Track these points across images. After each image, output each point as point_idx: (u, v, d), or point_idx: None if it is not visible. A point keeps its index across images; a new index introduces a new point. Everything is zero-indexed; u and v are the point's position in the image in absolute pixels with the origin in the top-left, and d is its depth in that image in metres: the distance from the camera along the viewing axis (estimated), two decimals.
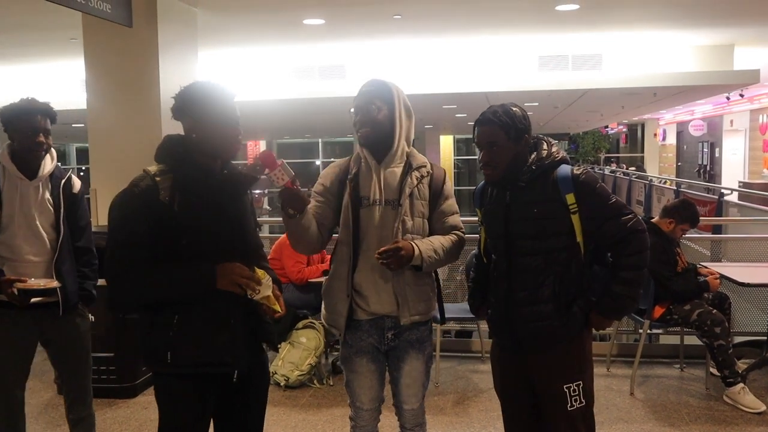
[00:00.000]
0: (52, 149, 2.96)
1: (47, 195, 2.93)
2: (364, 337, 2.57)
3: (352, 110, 2.53)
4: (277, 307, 2.17)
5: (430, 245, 2.46)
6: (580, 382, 2.41)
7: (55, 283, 2.85)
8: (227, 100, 2.15)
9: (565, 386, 2.39)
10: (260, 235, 2.78)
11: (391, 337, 2.56)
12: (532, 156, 2.41)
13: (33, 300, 2.83)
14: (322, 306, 2.68)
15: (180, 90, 2.16)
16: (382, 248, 2.35)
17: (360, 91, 2.54)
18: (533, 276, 2.39)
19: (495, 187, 2.51)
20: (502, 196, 2.45)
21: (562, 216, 2.36)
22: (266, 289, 2.12)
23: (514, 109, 2.38)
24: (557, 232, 2.36)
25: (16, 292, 2.74)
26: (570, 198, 2.34)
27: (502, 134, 2.35)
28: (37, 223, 2.88)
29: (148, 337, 2.15)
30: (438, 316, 2.71)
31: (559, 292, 2.37)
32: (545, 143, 2.46)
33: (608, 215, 2.37)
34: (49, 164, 2.94)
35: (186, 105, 2.13)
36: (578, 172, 2.37)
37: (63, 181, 2.99)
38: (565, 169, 2.38)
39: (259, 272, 2.14)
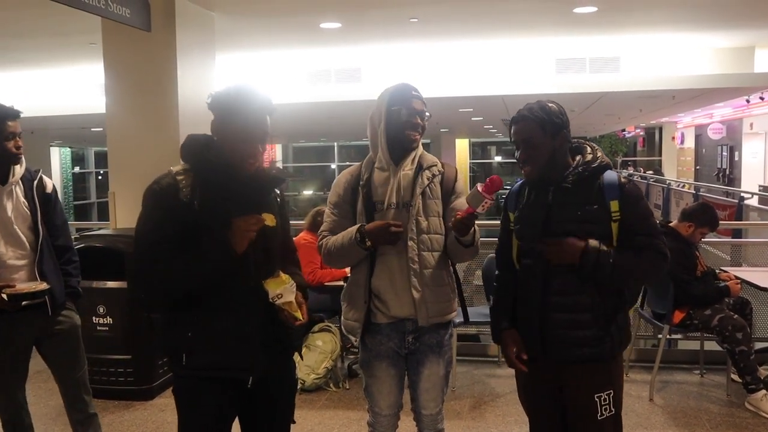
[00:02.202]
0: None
1: (21, 198, 2.92)
2: (384, 341, 2.56)
3: (400, 108, 2.49)
4: (299, 315, 2.09)
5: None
6: (611, 391, 2.33)
7: (43, 285, 2.85)
8: (257, 114, 2.08)
9: (596, 395, 2.32)
10: None
11: (411, 341, 2.55)
12: (578, 158, 2.38)
13: (23, 303, 2.82)
14: (342, 311, 2.68)
15: (225, 86, 2.11)
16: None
17: (410, 93, 2.52)
18: (573, 281, 2.31)
19: (535, 189, 2.43)
20: (544, 197, 2.38)
21: (603, 222, 2.30)
22: (289, 294, 2.06)
23: (550, 104, 2.34)
24: (598, 238, 2.29)
25: (5, 298, 2.74)
26: (614, 205, 2.29)
27: (538, 130, 2.30)
28: (15, 227, 2.87)
29: (165, 338, 2.15)
30: (456, 321, 2.68)
31: (598, 303, 2.31)
32: (589, 147, 2.43)
33: (644, 230, 2.32)
34: (19, 167, 2.92)
35: (220, 104, 2.09)
36: (624, 181, 2.33)
37: (35, 182, 2.97)
38: (611, 175, 2.34)
39: (284, 276, 2.08)
